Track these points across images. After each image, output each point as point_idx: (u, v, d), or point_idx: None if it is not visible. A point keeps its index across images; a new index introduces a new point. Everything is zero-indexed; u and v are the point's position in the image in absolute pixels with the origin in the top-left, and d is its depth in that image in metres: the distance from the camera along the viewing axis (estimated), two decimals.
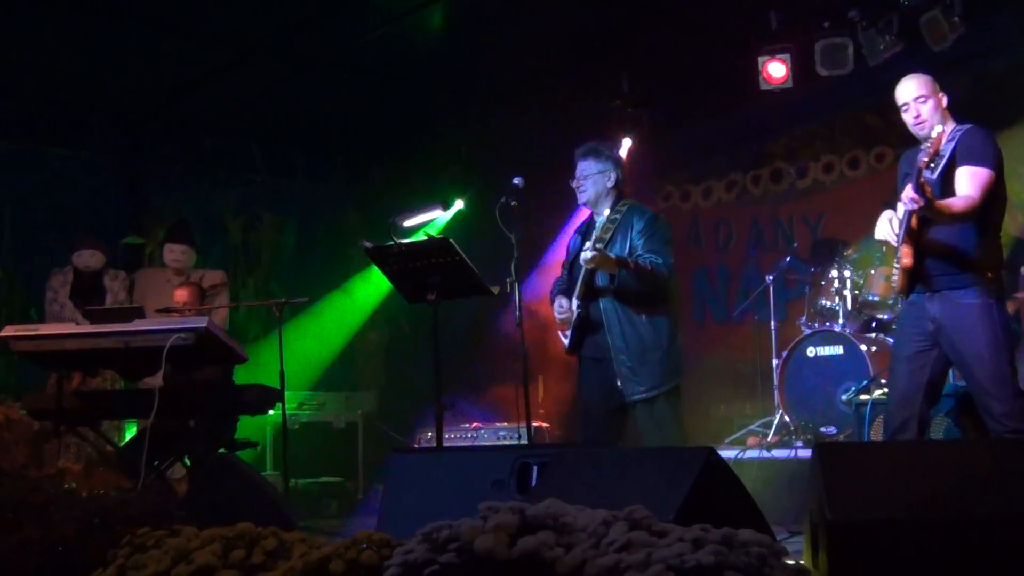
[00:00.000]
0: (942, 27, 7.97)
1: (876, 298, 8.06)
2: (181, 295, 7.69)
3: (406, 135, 10.69)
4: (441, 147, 10.96)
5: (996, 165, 4.98)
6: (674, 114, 10.10)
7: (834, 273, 8.38)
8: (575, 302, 5.88)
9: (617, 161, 6.08)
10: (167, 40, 8.47)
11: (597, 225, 5.96)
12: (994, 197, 5.00)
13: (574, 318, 5.89)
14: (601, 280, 5.78)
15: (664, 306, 5.85)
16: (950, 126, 5.09)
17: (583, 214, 6.42)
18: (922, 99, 5.10)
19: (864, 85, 9.10)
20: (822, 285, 8.50)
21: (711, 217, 11.06)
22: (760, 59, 8.84)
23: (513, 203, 5.96)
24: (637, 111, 9.79)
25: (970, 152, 4.98)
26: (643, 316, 5.74)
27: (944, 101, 5.15)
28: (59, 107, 9.47)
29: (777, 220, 10.61)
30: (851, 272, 8.30)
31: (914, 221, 4.96)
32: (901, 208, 5.06)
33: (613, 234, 5.83)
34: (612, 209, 5.95)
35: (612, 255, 5.68)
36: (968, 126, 5.11)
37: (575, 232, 6.26)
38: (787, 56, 8.76)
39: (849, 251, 8.51)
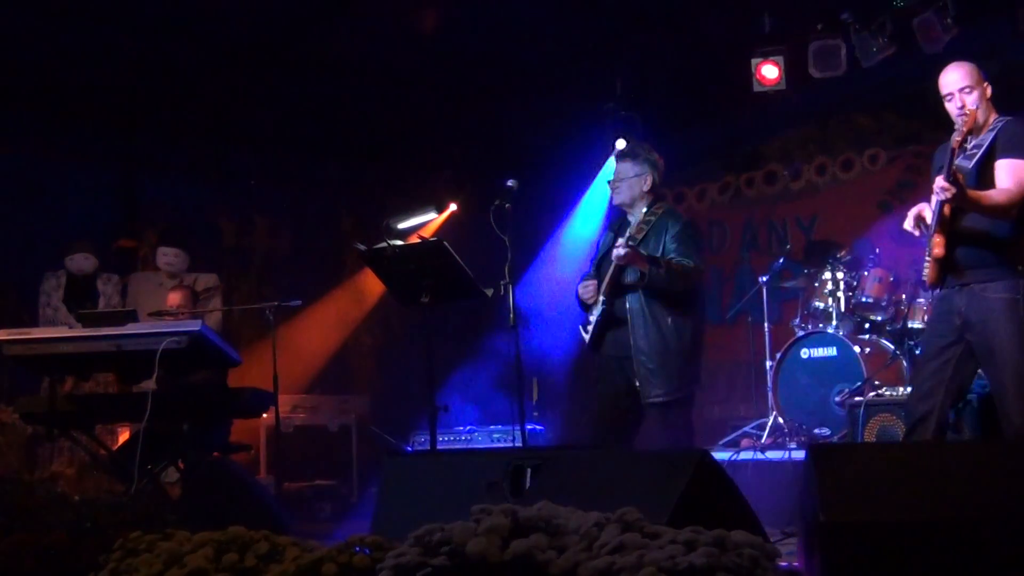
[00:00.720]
0: (935, 29, 7.99)
1: (869, 300, 8.06)
2: (174, 298, 7.67)
3: (399, 138, 10.69)
4: (434, 149, 10.96)
5: None
6: (668, 116, 10.11)
7: (827, 275, 8.37)
8: (601, 298, 5.87)
9: (654, 164, 6.04)
10: (160, 43, 8.46)
11: (631, 224, 5.95)
12: None
13: (598, 313, 5.88)
14: (630, 276, 5.78)
15: (690, 311, 5.84)
16: (992, 116, 4.99)
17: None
18: (967, 89, 4.98)
19: (857, 87, 9.12)
20: (816, 287, 8.50)
21: (705, 219, 11.05)
22: (753, 61, 8.86)
23: (507, 205, 5.95)
24: (630, 113, 9.79)
25: (1011, 144, 4.88)
26: (668, 318, 5.73)
27: (988, 91, 5.03)
28: (52, 110, 9.46)
29: (771, 222, 10.63)
30: (844, 274, 8.30)
31: (947, 210, 4.85)
32: (935, 198, 5.01)
33: (646, 235, 5.83)
34: (647, 211, 5.94)
35: (644, 253, 5.68)
36: (1009, 117, 5.00)
37: (606, 229, 6.26)
38: (780, 58, 8.78)
39: (842, 252, 8.50)
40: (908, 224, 5.17)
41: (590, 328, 5.97)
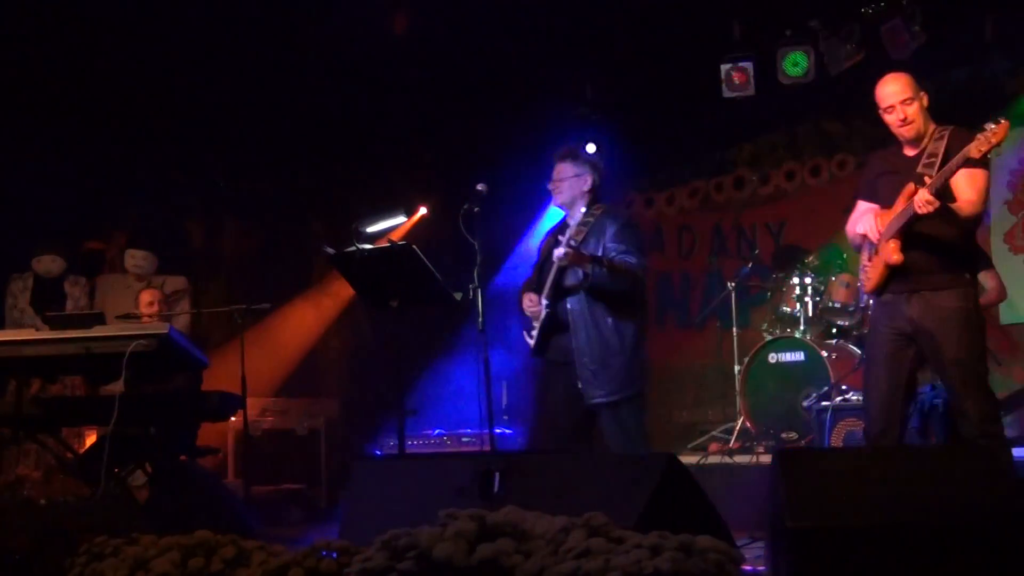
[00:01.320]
0: (903, 36, 8.05)
1: (837, 305, 8.11)
2: (152, 295, 7.61)
3: (370, 141, 10.67)
4: (405, 153, 10.95)
5: (988, 165, 4.90)
6: (638, 121, 10.13)
7: (795, 280, 8.42)
8: (543, 301, 5.85)
9: (594, 165, 6.04)
10: (128, 44, 8.41)
11: (571, 226, 5.94)
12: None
13: (542, 317, 5.87)
14: (571, 278, 5.76)
15: (631, 312, 5.82)
16: (932, 125, 5.02)
17: (547, 220, 6.40)
18: (908, 100, 5.01)
19: (826, 93, 9.18)
20: (783, 292, 8.54)
21: (674, 224, 11.09)
22: (723, 67, 8.89)
23: (476, 209, 5.94)
24: (601, 117, 9.81)
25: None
26: (609, 320, 5.72)
27: (926, 100, 5.06)
28: (19, 110, 9.38)
29: (740, 227, 10.67)
30: (812, 279, 8.35)
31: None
32: (903, 208, 5.00)
33: (586, 236, 5.80)
34: (587, 212, 5.93)
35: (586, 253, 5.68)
36: (952, 127, 5.01)
37: (548, 234, 6.23)
38: (749, 64, 8.81)
39: (810, 258, 8.57)
40: (865, 227, 5.17)
41: (534, 333, 5.95)
